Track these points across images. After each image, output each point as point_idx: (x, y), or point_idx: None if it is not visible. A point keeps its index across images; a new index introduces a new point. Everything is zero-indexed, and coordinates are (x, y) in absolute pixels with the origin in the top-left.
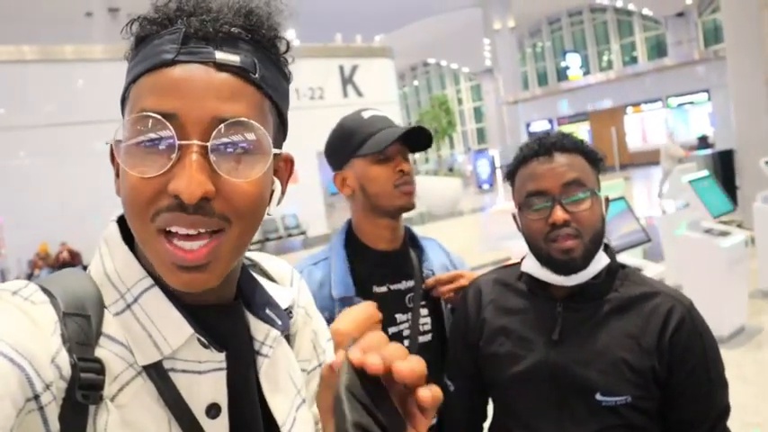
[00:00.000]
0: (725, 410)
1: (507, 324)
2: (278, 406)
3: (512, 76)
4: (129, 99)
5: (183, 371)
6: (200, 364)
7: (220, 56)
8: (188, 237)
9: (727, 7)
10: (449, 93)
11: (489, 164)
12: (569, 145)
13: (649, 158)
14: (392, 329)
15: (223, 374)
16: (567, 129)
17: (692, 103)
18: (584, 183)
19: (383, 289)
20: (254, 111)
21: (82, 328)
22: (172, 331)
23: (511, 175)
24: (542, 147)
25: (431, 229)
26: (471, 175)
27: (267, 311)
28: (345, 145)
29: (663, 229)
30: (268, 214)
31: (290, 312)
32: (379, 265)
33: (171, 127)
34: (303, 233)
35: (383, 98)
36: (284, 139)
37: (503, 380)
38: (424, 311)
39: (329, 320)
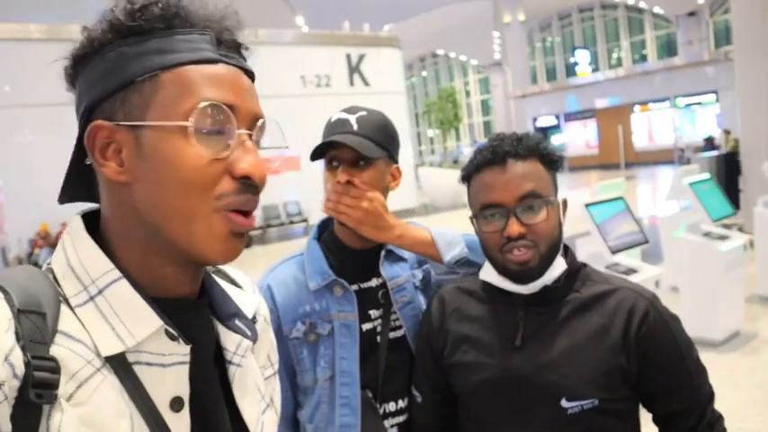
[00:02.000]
0: (710, 395)
1: (470, 332)
2: (248, 413)
3: (520, 70)
4: (167, 84)
5: (148, 363)
6: (164, 357)
7: (244, 64)
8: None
9: (737, 9)
10: (457, 85)
11: None
12: (524, 151)
13: (655, 158)
14: (366, 326)
15: (185, 368)
16: (573, 125)
17: (699, 103)
18: (540, 193)
19: (354, 287)
20: None
21: (37, 325)
22: (138, 323)
23: (466, 180)
24: (496, 155)
25: (433, 220)
26: None
27: (237, 322)
28: None
29: (663, 231)
30: None
31: (255, 319)
32: (349, 263)
33: (233, 117)
34: (305, 221)
35: (390, 88)
36: None
37: (467, 389)
38: (396, 306)
39: (309, 315)
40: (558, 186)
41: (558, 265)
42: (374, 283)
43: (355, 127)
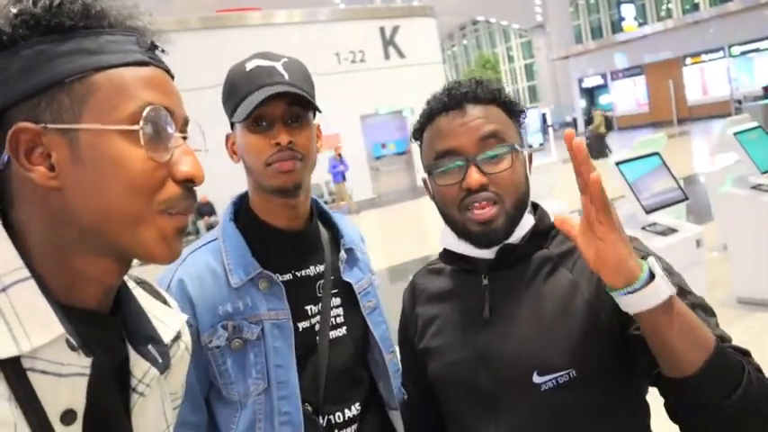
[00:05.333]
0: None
1: (437, 312)
2: None
3: (563, 31)
4: (102, 86)
5: (44, 371)
6: (62, 367)
7: (167, 65)
8: None
9: None
10: (499, 50)
11: (540, 121)
12: (484, 95)
13: (710, 112)
14: (303, 324)
15: (84, 380)
16: (621, 83)
17: (757, 50)
18: (503, 136)
19: (287, 277)
20: None
21: None
22: (39, 328)
23: (419, 135)
24: (452, 99)
25: None
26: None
27: (149, 347)
28: (226, 106)
29: (710, 187)
30: None
31: (178, 338)
32: (279, 248)
33: (172, 121)
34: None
35: (426, 58)
36: None
37: (437, 376)
38: (335, 301)
39: (231, 316)
40: (523, 139)
41: (526, 224)
42: (312, 271)
43: (286, 76)
